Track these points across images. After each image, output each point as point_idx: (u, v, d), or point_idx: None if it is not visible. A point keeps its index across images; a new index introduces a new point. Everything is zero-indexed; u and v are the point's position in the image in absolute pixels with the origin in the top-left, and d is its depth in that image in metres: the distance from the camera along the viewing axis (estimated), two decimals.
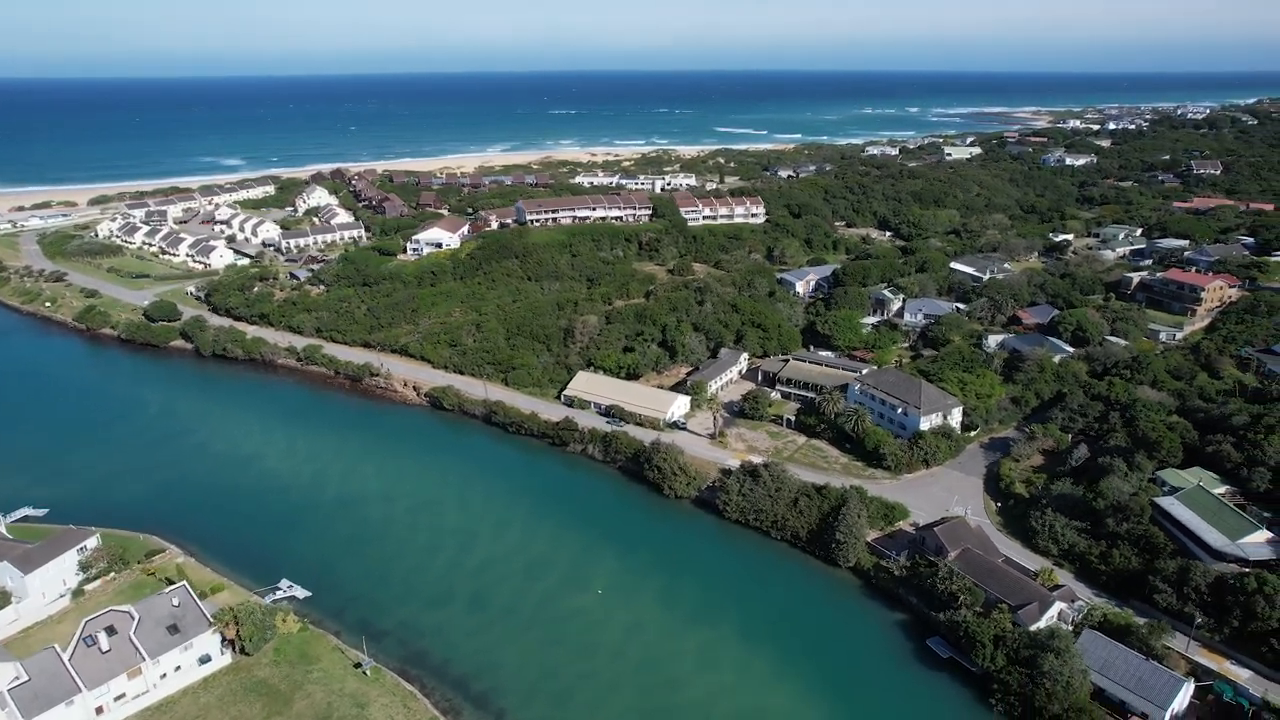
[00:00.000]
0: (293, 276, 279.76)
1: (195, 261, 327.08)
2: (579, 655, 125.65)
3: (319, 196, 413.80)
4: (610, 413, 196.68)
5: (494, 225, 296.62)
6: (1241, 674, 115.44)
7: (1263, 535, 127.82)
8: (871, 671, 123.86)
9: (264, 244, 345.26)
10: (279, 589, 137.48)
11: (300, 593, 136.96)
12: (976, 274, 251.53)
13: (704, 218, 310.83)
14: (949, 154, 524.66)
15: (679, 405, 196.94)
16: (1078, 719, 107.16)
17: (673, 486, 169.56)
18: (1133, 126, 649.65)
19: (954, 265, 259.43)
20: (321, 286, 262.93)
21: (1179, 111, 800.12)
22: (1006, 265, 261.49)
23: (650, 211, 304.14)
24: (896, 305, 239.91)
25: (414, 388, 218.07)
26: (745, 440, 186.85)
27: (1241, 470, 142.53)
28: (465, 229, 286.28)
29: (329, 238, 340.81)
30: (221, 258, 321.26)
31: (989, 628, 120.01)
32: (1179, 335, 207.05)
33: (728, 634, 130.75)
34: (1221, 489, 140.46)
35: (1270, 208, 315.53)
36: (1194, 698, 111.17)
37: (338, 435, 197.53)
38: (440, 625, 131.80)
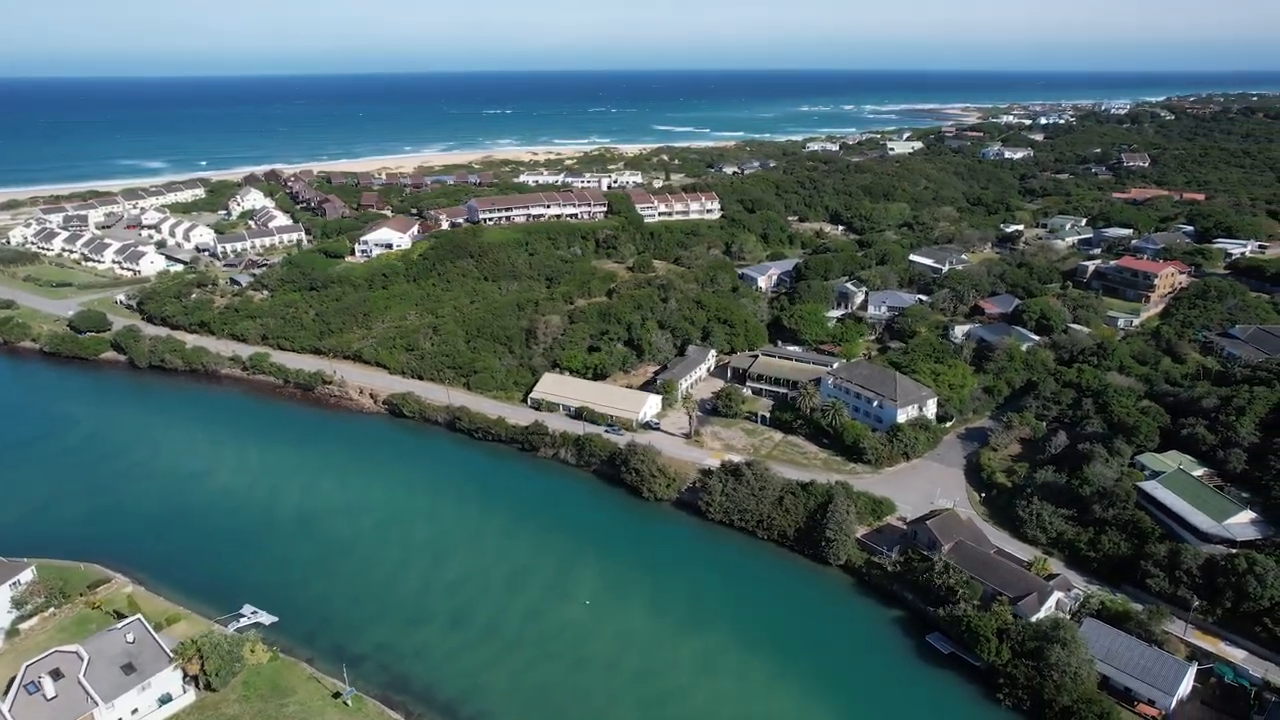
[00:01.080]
0: (233, 282, 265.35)
1: (123, 268, 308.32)
2: (571, 671, 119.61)
3: (254, 199, 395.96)
4: (581, 415, 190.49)
5: (445, 225, 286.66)
6: (1237, 654, 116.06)
7: (1246, 515, 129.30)
8: (873, 671, 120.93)
9: (198, 249, 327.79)
10: (242, 615, 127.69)
11: (266, 618, 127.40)
12: (936, 265, 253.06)
13: (660, 214, 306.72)
14: (892, 149, 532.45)
15: (651, 405, 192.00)
16: (1088, 710, 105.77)
17: (652, 489, 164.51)
18: (1062, 121, 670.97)
19: (913, 257, 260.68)
20: (265, 292, 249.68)
21: (1102, 108, 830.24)
22: (964, 256, 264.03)
23: (605, 208, 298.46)
24: (860, 298, 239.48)
25: (371, 395, 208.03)
26: (721, 439, 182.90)
27: (1217, 452, 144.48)
28: (415, 229, 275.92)
29: (268, 241, 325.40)
30: (153, 264, 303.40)
31: (991, 621, 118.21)
32: (1136, 321, 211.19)
33: (723, 639, 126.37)
34: (1199, 471, 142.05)
35: (1202, 198, 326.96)
36: (1195, 681, 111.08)
37: (293, 447, 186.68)
38: (421, 646, 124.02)
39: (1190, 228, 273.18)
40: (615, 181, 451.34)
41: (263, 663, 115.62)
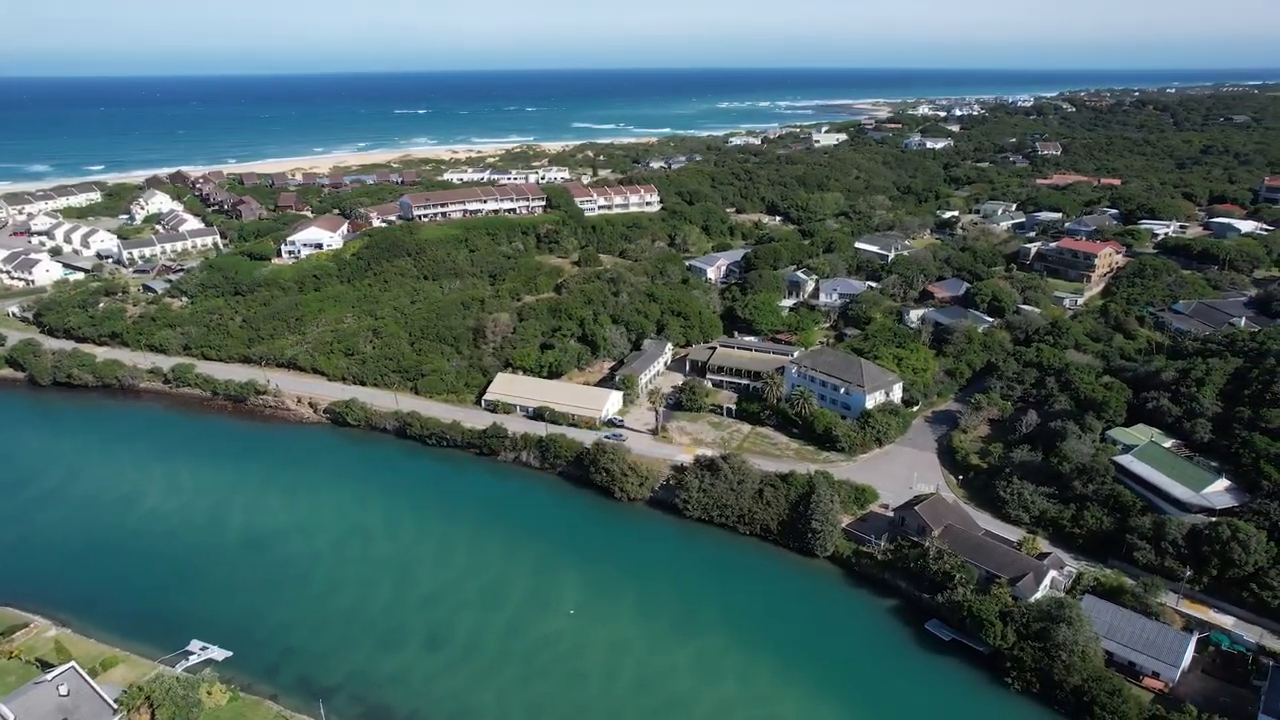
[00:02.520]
0: (146, 289, 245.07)
1: (13, 278, 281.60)
2: (566, 686, 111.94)
3: (160, 202, 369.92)
4: (541, 415, 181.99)
5: (376, 223, 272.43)
6: (1225, 621, 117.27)
7: (1222, 484, 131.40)
8: (876, 662, 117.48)
9: (100, 255, 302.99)
10: (191, 653, 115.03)
11: (218, 654, 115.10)
12: (881, 252, 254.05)
13: (599, 208, 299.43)
14: (817, 140, 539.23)
15: (613, 402, 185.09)
16: (1098, 688, 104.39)
17: (624, 488, 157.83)
18: (975, 113, 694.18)
19: (858, 245, 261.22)
20: (184, 298, 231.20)
21: (1011, 101, 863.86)
22: (908, 243, 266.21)
23: (544, 203, 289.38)
24: (811, 286, 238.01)
25: (310, 404, 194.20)
26: (688, 433, 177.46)
27: (1182, 423, 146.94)
28: (345, 228, 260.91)
29: (179, 245, 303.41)
30: (48, 272, 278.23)
31: (992, 605, 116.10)
32: (1080, 301, 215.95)
33: (719, 641, 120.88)
34: (1168, 443, 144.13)
35: (1118, 183, 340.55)
36: (1194, 651, 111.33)
37: (229, 464, 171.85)
38: (398, 672, 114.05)
39: (1115, 210, 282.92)
40: (543, 178, 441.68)
41: (222, 704, 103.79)
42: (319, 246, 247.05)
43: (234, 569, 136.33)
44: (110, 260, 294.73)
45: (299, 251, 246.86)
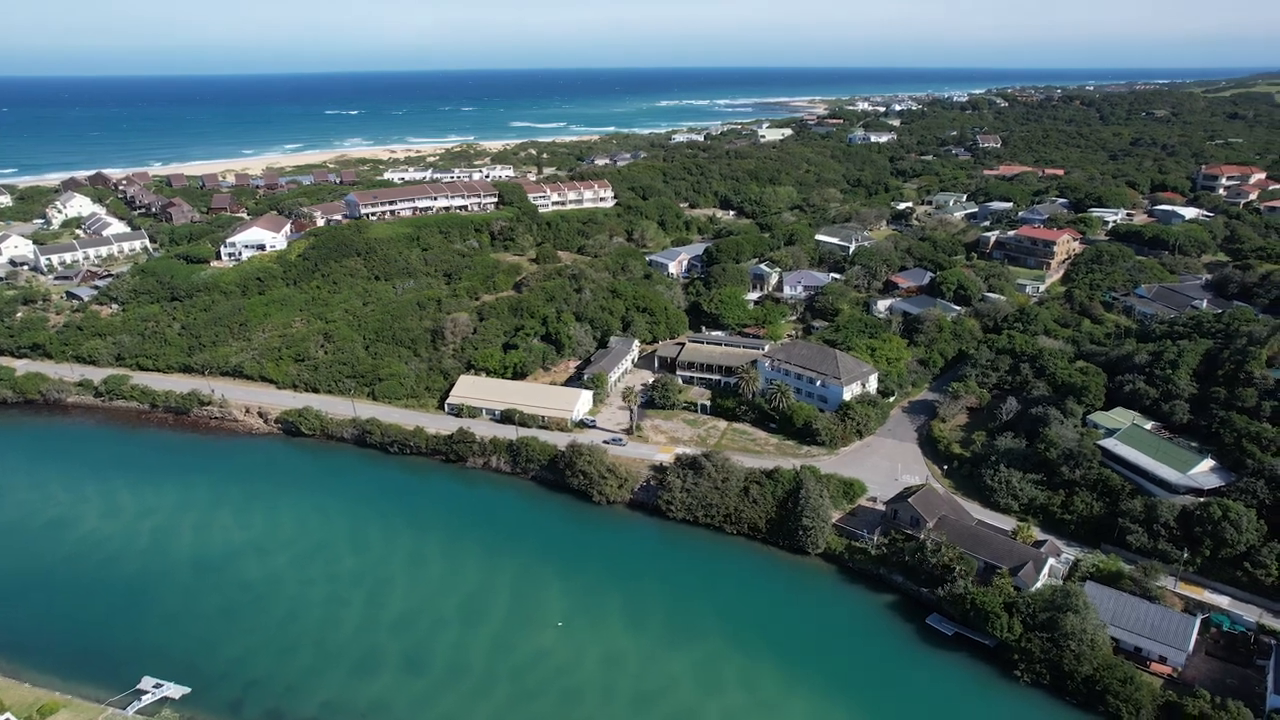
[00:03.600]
0: (71, 297, 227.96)
1: None
2: (561, 705, 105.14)
3: (80, 205, 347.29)
4: (509, 418, 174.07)
5: (321, 222, 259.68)
6: (1220, 601, 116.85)
7: (1207, 464, 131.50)
8: (881, 660, 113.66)
9: (13, 262, 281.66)
10: (143, 692, 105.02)
11: (174, 690, 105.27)
12: (842, 244, 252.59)
13: (553, 204, 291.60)
14: (763, 135, 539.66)
15: (584, 401, 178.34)
16: (1110, 676, 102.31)
17: (603, 491, 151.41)
18: (914, 109, 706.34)
19: (819, 237, 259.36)
20: (114, 306, 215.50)
21: (947, 96, 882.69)
22: (868, 234, 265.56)
23: (496, 199, 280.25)
24: (774, 279, 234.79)
25: (260, 414, 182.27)
26: (663, 432, 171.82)
27: (1160, 405, 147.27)
28: (289, 228, 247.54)
29: (104, 250, 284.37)
30: None
31: (996, 596, 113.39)
32: (1042, 288, 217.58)
33: (717, 647, 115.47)
34: (1148, 426, 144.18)
35: (1062, 173, 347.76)
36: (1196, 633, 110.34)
37: (174, 481, 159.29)
38: (378, 699, 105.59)
39: (1064, 199, 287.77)
40: (487, 176, 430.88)
41: None
42: (261, 247, 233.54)
43: (186, 595, 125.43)
44: (26, 267, 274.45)
45: (240, 253, 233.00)
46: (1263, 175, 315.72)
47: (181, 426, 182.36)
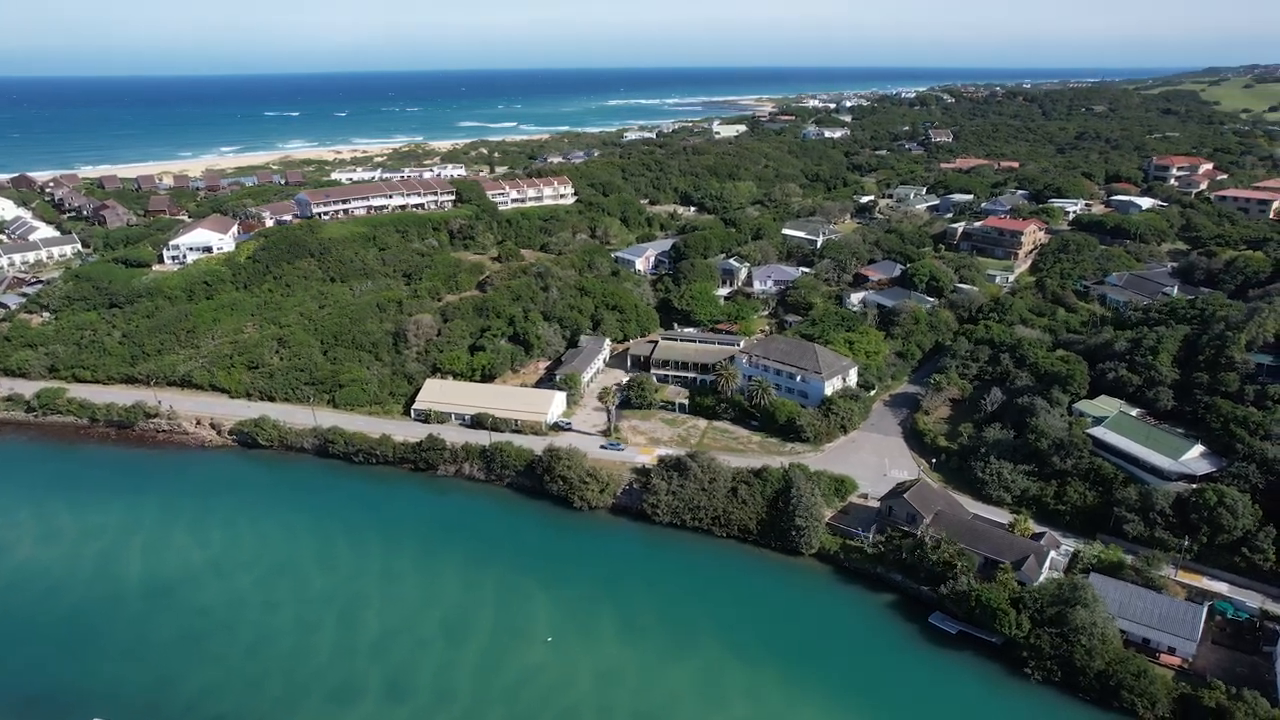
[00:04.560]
0: None
1: None
2: None
3: (2, 209, 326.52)
4: (480, 422, 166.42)
5: (270, 223, 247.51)
6: (1219, 588, 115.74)
7: (1197, 450, 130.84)
8: (885, 663, 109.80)
9: None
10: None
11: None
12: (809, 237, 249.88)
13: (513, 201, 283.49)
14: (718, 132, 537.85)
15: (558, 403, 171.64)
16: (1123, 670, 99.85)
17: (584, 496, 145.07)
18: (865, 105, 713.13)
19: (785, 231, 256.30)
20: (46, 314, 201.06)
21: (896, 93, 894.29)
22: (834, 227, 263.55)
23: (453, 197, 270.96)
24: (744, 274, 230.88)
25: (212, 425, 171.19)
26: (642, 432, 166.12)
27: (1144, 392, 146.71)
28: (236, 229, 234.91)
29: (32, 256, 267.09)
30: None
31: (1001, 593, 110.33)
32: (1011, 278, 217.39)
33: (716, 657, 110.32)
34: (1134, 413, 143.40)
35: (1017, 165, 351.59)
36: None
37: (120, 500, 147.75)
38: None
39: (1024, 191, 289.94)
40: (439, 175, 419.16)
41: None
42: (208, 250, 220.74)
43: (139, 625, 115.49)
44: None
45: (184, 256, 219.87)
46: (1210, 166, 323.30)
47: (126, 441, 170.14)
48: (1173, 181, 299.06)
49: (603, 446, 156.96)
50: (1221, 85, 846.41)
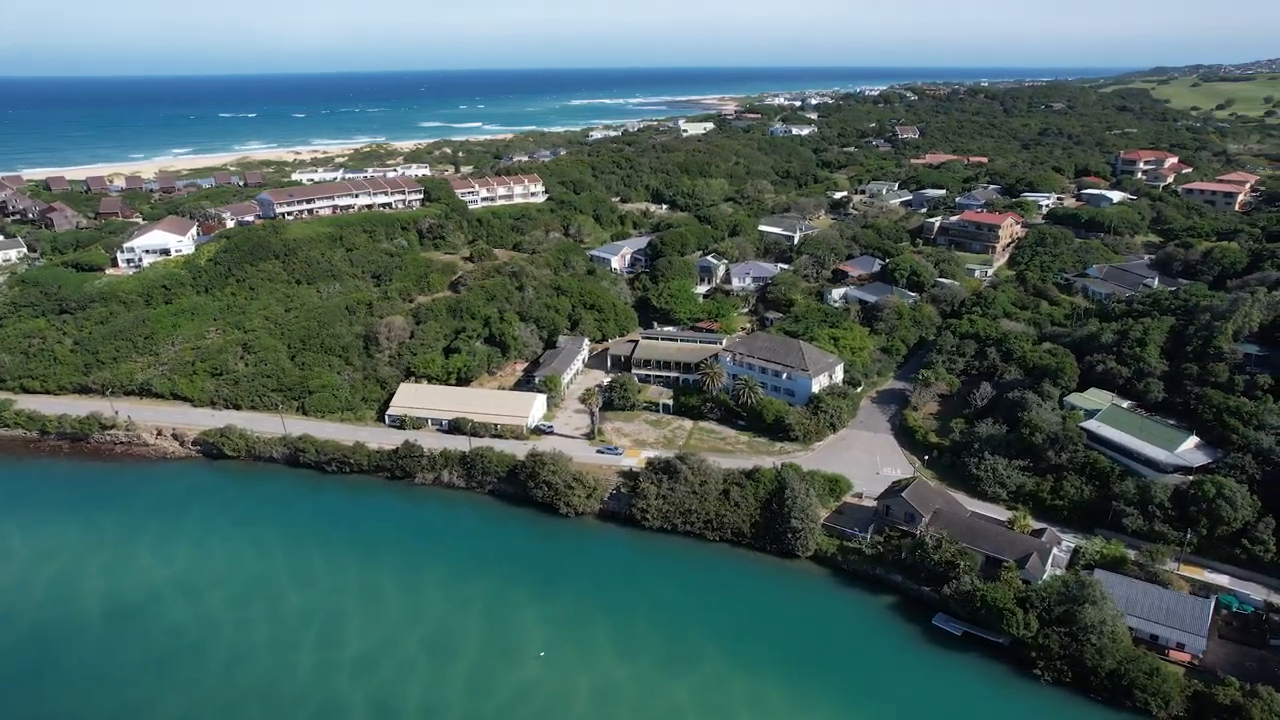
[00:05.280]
0: None
1: None
2: None
3: None
4: (459, 428, 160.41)
5: (231, 224, 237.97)
6: (1220, 580, 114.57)
7: (1192, 441, 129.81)
8: (890, 667, 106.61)
9: None
10: None
11: None
12: (786, 233, 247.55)
13: (483, 200, 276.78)
14: (685, 130, 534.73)
15: (539, 406, 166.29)
16: (1135, 669, 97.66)
17: (570, 502, 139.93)
18: (830, 102, 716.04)
19: (762, 227, 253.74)
20: None
21: (859, 90, 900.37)
22: (809, 223, 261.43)
23: (422, 196, 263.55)
24: (722, 271, 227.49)
25: (174, 435, 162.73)
26: (626, 434, 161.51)
27: (1134, 384, 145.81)
28: (195, 230, 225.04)
29: None
30: None
31: (1007, 591, 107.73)
32: (990, 271, 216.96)
33: (717, 668, 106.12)
34: (1125, 405, 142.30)
35: (986, 160, 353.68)
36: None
37: (76, 518, 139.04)
38: None
39: (995, 185, 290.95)
40: (405, 175, 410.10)
41: None
42: (166, 252, 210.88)
43: (102, 651, 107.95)
44: None
45: (140, 259, 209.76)
46: (1175, 160, 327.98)
47: (80, 455, 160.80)
48: (1140, 175, 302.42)
49: (599, 450, 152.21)
50: (1170, 84, 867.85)
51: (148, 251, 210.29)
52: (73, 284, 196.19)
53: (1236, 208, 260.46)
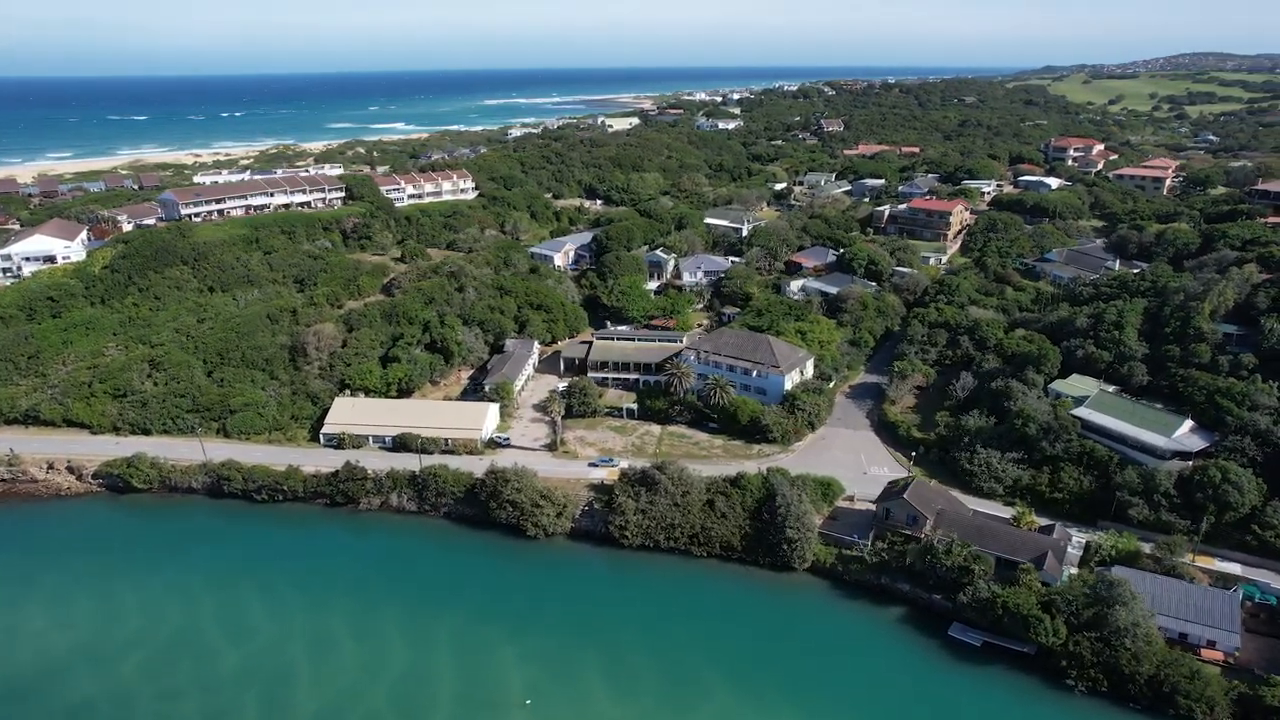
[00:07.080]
0: None
1: None
2: None
3: None
4: (406, 444, 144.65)
5: (128, 228, 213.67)
6: (1231, 569, 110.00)
7: (1187, 425, 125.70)
8: (911, 685, 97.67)
9: None
10: None
11: None
12: (734, 225, 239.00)
13: (410, 197, 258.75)
14: (610, 126, 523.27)
15: (492, 417, 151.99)
16: (1175, 673, 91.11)
17: (538, 522, 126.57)
18: (751, 97, 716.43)
19: (708, 220, 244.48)
20: None
21: (777, 86, 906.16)
22: (756, 215, 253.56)
23: (344, 194, 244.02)
24: (671, 266, 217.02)
25: (69, 468, 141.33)
26: (590, 443, 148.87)
27: (1116, 369, 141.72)
28: (85, 235, 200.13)
29: None
30: None
31: (1029, 596, 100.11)
32: (944, 259, 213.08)
33: (725, 702, 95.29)
34: (1110, 390, 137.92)
35: (918, 150, 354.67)
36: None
37: None
38: None
39: (935, 174, 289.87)
40: (322, 173, 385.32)
41: None
42: (51, 259, 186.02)
43: None
44: None
45: (19, 268, 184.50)
46: (1103, 146, 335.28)
47: None
48: (1071, 162, 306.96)
49: (591, 464, 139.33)
50: (1063, 81, 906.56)
51: (28, 259, 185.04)
52: None
53: (1165, 192, 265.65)
